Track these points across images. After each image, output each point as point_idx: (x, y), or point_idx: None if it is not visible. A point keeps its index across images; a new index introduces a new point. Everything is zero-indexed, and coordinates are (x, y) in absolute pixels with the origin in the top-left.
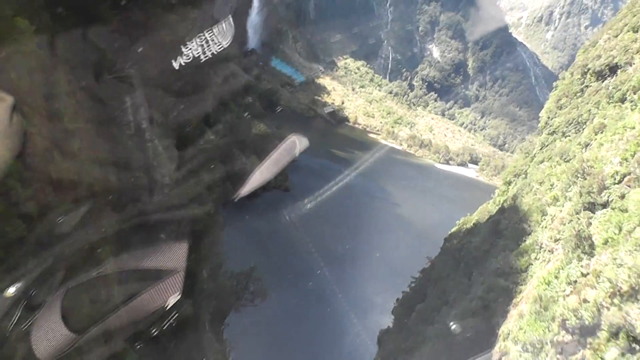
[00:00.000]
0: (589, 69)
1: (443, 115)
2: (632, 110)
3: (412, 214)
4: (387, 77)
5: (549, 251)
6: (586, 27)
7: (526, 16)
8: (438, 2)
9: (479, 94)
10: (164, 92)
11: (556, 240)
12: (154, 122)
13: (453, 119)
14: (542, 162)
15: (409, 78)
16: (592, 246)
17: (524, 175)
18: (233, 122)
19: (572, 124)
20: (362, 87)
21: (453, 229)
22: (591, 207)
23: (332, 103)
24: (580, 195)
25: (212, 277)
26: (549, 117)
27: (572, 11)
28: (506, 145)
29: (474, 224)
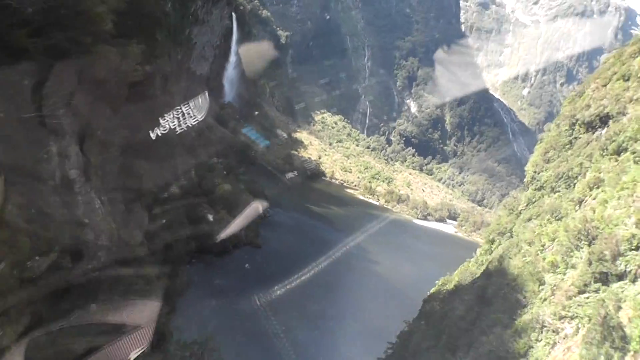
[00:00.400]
0: (577, 120)
1: (421, 170)
2: (636, 163)
3: (389, 272)
4: (365, 131)
5: (553, 331)
6: (562, 84)
7: (503, 73)
8: (416, 58)
9: (457, 150)
10: (108, 135)
11: (562, 318)
12: (89, 172)
13: (431, 174)
14: (529, 219)
15: (387, 133)
16: (624, 339)
17: (509, 234)
18: (203, 176)
19: (562, 179)
20: (339, 141)
21: (432, 289)
22: (604, 278)
23: (309, 158)
24: (590, 264)
25: (158, 346)
26: (535, 172)
27: (548, 69)
28: (485, 201)
29: (455, 285)
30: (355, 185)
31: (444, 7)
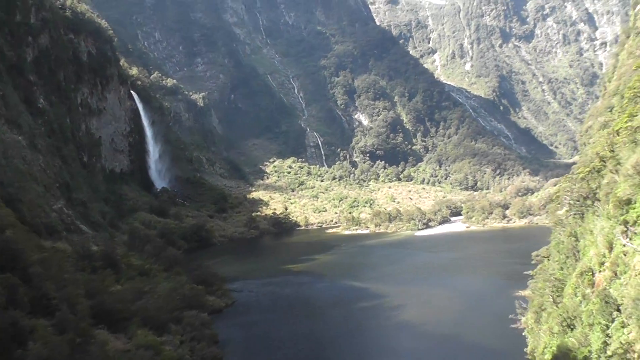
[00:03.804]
0: None
1: (399, 180)
2: None
3: (423, 312)
4: (325, 163)
5: None
6: (500, 46)
7: (438, 58)
8: (346, 70)
9: (426, 145)
10: None
11: None
12: None
13: (411, 180)
14: None
15: (348, 156)
16: None
17: None
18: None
19: None
20: (300, 184)
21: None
22: None
23: (274, 213)
24: None
25: None
26: None
27: (480, 37)
28: (478, 183)
29: None
30: (336, 222)
31: (354, 13)
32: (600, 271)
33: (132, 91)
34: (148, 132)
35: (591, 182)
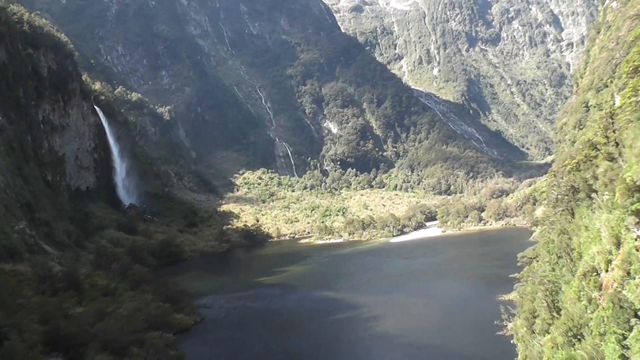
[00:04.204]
0: None
1: (371, 187)
2: None
3: (402, 321)
4: (295, 173)
5: None
6: (467, 50)
7: (405, 64)
8: (313, 78)
9: (397, 150)
10: None
11: None
12: None
13: (384, 187)
14: None
15: (318, 165)
16: None
17: None
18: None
19: None
20: (271, 195)
21: None
22: None
23: (245, 225)
24: None
25: None
26: None
27: (447, 42)
28: (452, 187)
29: None
30: (309, 233)
31: (318, 21)
32: (607, 271)
33: (95, 106)
34: (114, 147)
35: (584, 173)
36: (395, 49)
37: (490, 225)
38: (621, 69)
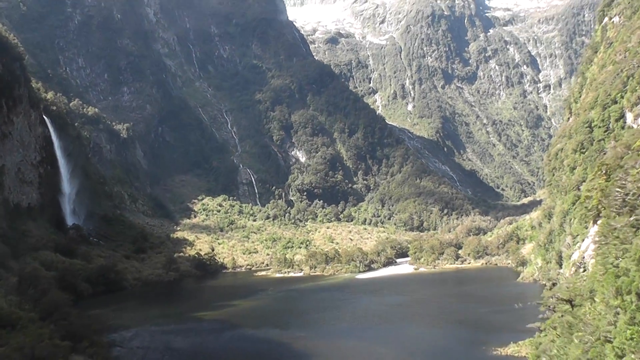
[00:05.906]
0: None
1: (339, 220)
2: None
3: None
4: (258, 202)
5: None
6: (443, 87)
7: (379, 98)
8: (283, 104)
9: (368, 183)
10: None
11: None
12: None
13: (352, 220)
14: None
15: (283, 194)
16: None
17: None
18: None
19: None
20: (231, 223)
21: None
22: None
23: (198, 254)
24: None
25: None
26: None
27: (422, 77)
28: (425, 224)
29: None
30: (267, 265)
31: (292, 47)
32: None
33: (45, 116)
34: (62, 162)
35: None
36: (369, 82)
37: (469, 263)
38: (635, 79)
